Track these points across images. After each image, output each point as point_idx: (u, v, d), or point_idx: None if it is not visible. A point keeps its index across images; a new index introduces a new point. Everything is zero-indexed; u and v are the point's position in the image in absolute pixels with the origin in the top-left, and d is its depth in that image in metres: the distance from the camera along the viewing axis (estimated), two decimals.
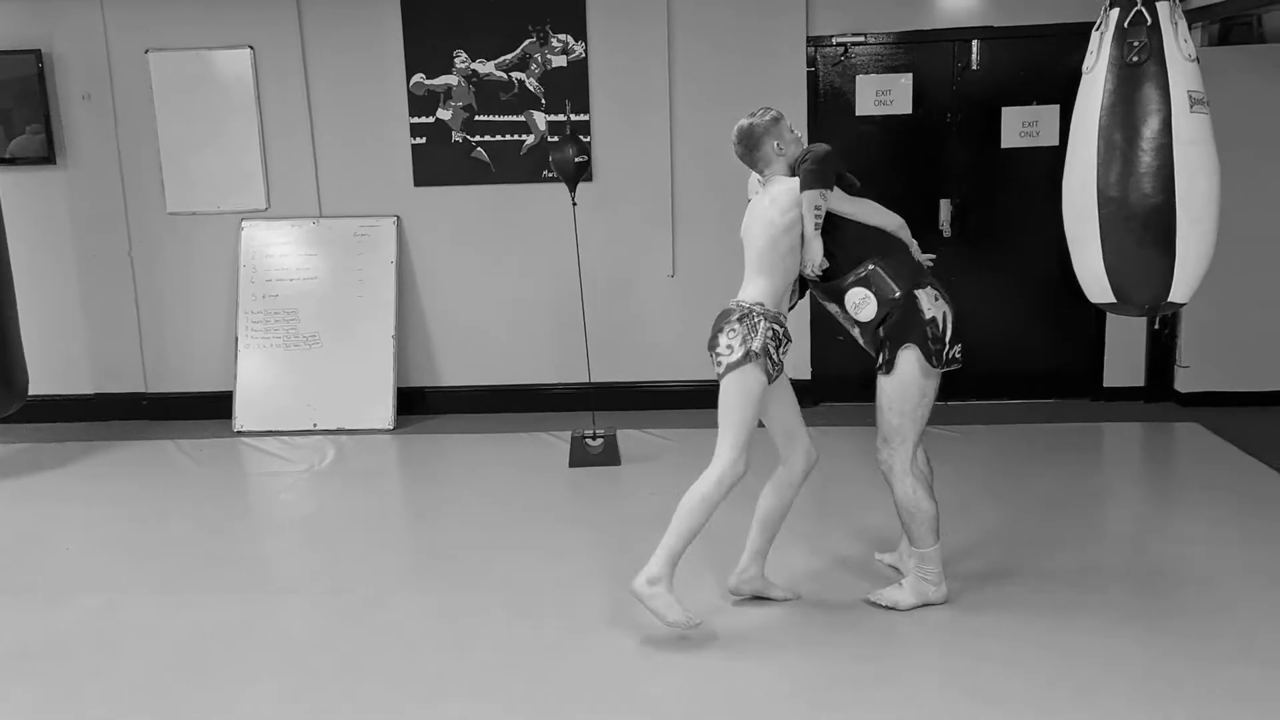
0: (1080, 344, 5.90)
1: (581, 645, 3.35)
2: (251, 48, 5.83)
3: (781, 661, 3.22)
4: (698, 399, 5.98)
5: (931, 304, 3.31)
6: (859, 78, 5.70)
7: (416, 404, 6.08)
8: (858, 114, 5.70)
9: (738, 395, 3.29)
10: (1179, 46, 2.85)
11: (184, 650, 3.40)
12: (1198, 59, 2.89)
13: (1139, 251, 2.87)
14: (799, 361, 5.73)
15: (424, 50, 5.79)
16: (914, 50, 5.68)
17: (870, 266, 3.32)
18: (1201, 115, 2.87)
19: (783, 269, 3.33)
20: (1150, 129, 2.83)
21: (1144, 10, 2.84)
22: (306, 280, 5.96)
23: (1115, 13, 2.90)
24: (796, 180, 3.31)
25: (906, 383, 3.31)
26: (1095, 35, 2.96)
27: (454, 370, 6.12)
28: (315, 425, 5.81)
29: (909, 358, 3.30)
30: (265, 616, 3.64)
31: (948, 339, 3.33)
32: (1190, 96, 2.85)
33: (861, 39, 5.67)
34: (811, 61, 5.70)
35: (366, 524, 4.49)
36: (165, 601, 3.76)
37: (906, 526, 3.44)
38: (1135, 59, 2.84)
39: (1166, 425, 5.45)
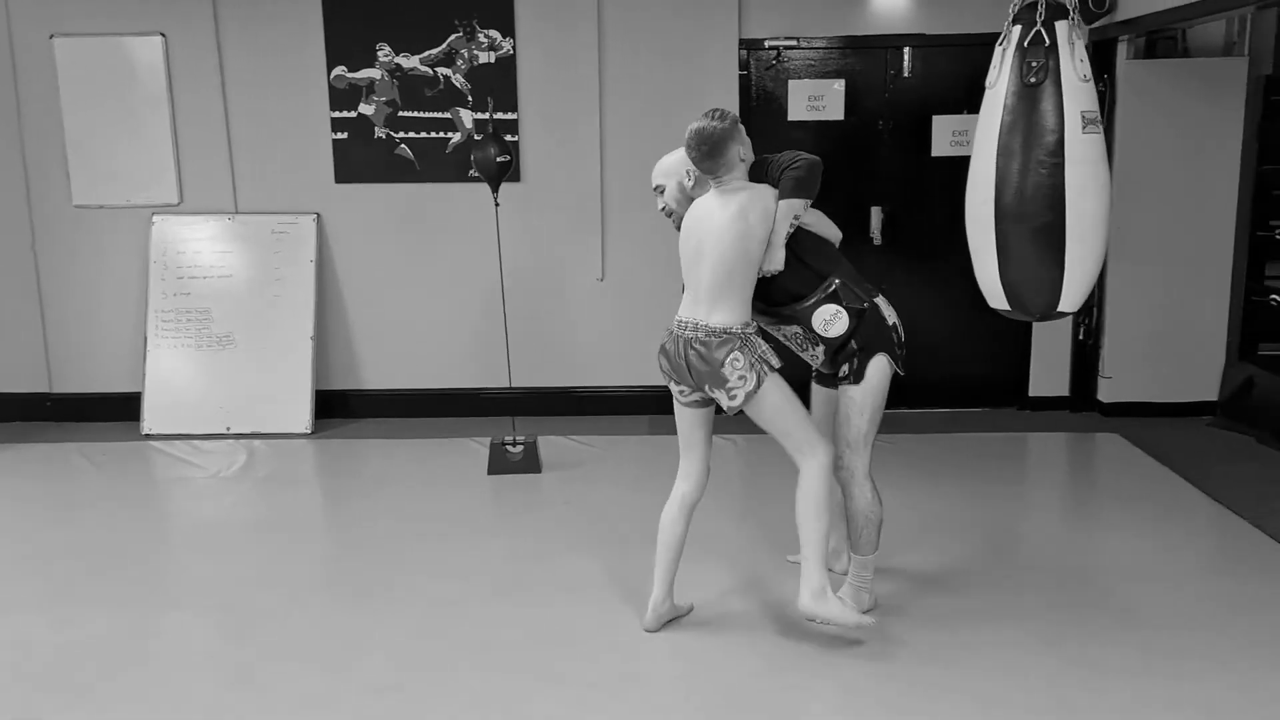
0: (1007, 354, 5.91)
1: (485, 664, 3.23)
2: (163, 35, 5.60)
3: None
4: (623, 404, 5.90)
5: (889, 310, 3.35)
6: (791, 82, 5.64)
7: (336, 407, 5.90)
8: (790, 119, 5.64)
9: (778, 407, 3.19)
10: (1074, 67, 2.89)
11: (55, 669, 3.22)
12: (1091, 79, 2.92)
13: (1031, 265, 2.96)
14: None
15: (346, 42, 5.61)
16: (847, 56, 5.64)
17: (837, 281, 3.29)
18: (1093, 135, 2.95)
19: (752, 282, 3.20)
20: (1045, 149, 2.87)
21: (1043, 31, 2.86)
22: (221, 278, 5.75)
23: (1017, 30, 2.93)
24: (767, 187, 3.19)
25: (875, 389, 3.32)
26: (998, 51, 3.01)
27: (375, 373, 5.95)
28: (228, 429, 5.61)
29: (879, 364, 3.31)
30: (147, 632, 3.48)
31: (903, 342, 3.39)
32: (1083, 117, 2.90)
33: (794, 43, 5.62)
34: (744, 65, 5.63)
35: (271, 534, 4.32)
36: (41, 616, 3.57)
37: (858, 532, 3.40)
38: (1033, 80, 2.87)
39: (1088, 436, 5.48)
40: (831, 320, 3.27)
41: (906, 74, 5.63)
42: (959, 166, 5.64)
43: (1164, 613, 3.48)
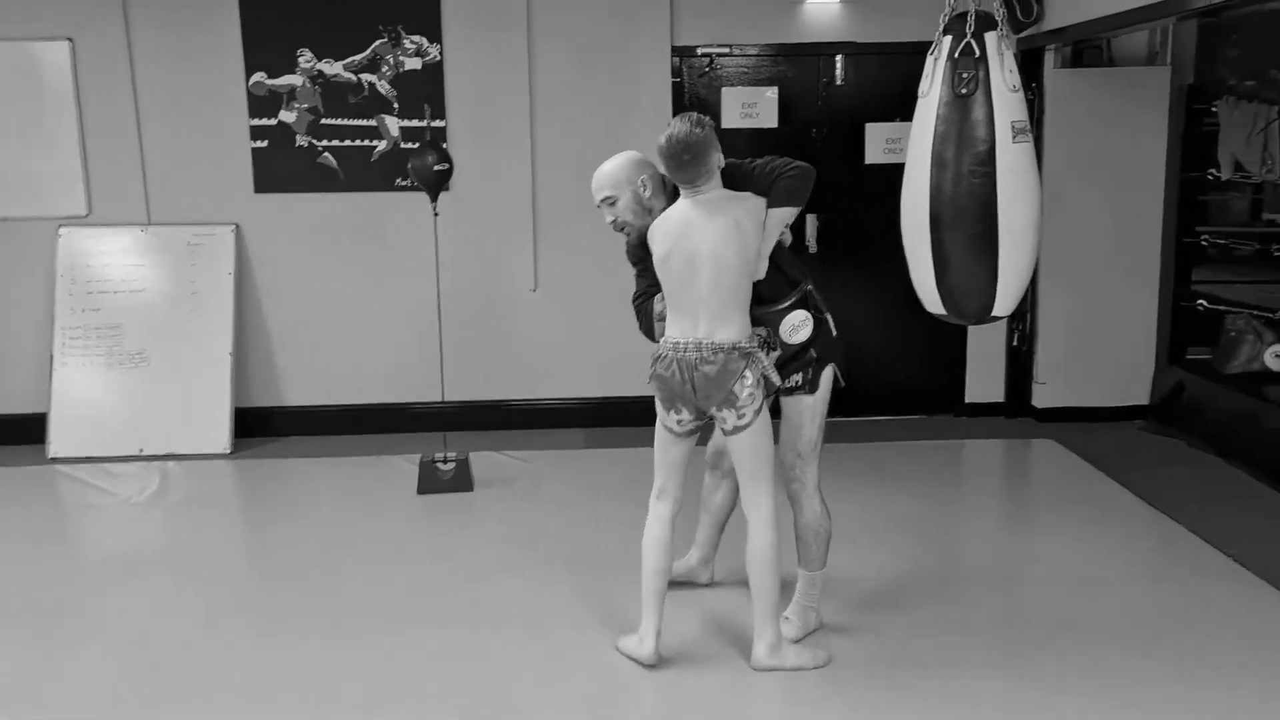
0: (943, 361, 5.91)
1: (416, 697, 3.07)
2: (70, 39, 5.34)
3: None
4: (558, 418, 5.77)
5: (834, 324, 3.35)
6: (725, 90, 5.58)
7: (258, 426, 5.66)
8: (724, 127, 5.55)
9: (764, 437, 3.11)
10: (1004, 78, 2.90)
11: None
12: (1020, 88, 2.95)
13: (965, 272, 2.99)
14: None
15: (265, 47, 5.41)
16: (780, 63, 5.60)
17: (808, 286, 3.27)
18: (1024, 144, 2.99)
19: (750, 296, 3.09)
20: (976, 158, 2.89)
21: (973, 42, 2.88)
22: (133, 293, 5.49)
23: (948, 41, 2.94)
24: (753, 195, 3.08)
25: (826, 398, 3.30)
26: (930, 61, 3.02)
27: (299, 389, 5.73)
28: (142, 450, 5.34)
29: (829, 374, 3.30)
30: (53, 671, 3.25)
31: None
32: (1013, 127, 2.92)
33: (727, 50, 5.56)
34: (677, 72, 5.56)
35: (188, 562, 4.10)
36: None
37: (806, 547, 3.33)
38: (964, 91, 2.89)
39: (1024, 442, 5.48)
40: (799, 326, 3.22)
41: (839, 82, 5.61)
42: (892, 174, 5.63)
43: (1109, 623, 3.44)
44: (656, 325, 3.27)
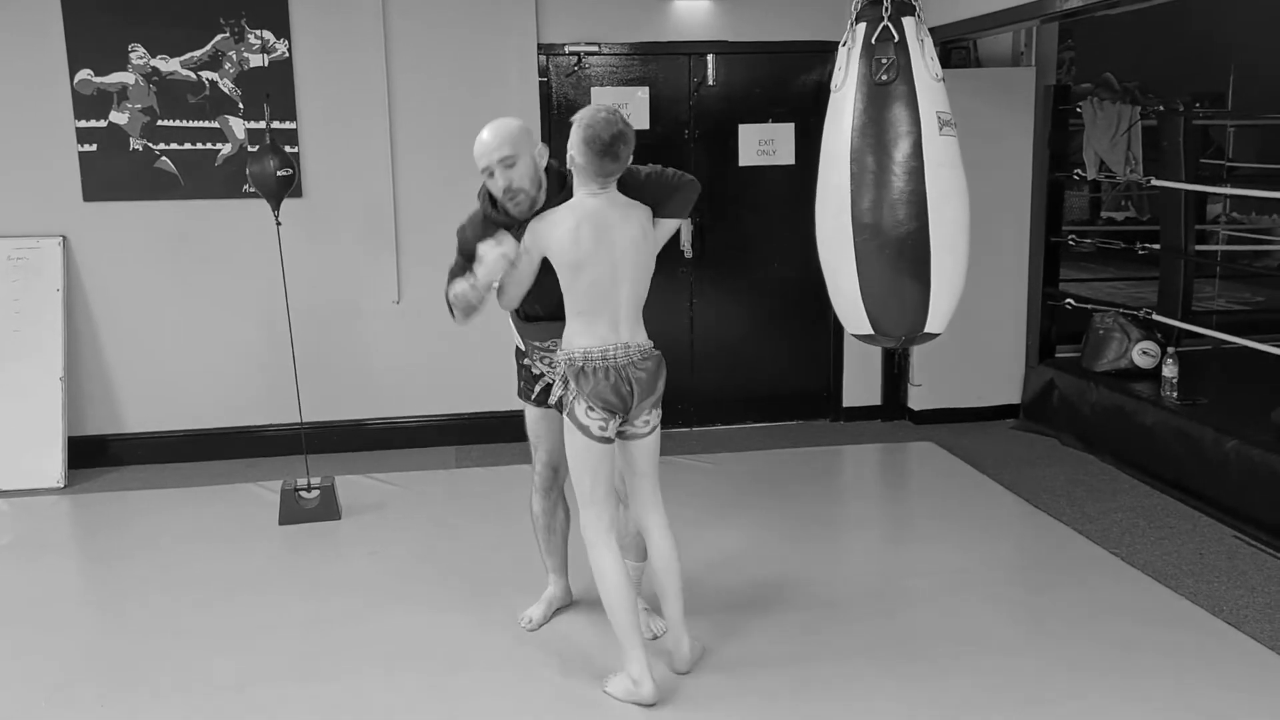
0: (819, 365, 5.86)
1: None
2: None
3: None
4: (427, 436, 5.47)
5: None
6: (594, 90, 5.38)
7: (95, 456, 5.18)
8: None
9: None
10: (926, 65, 2.71)
11: None
12: (943, 78, 2.75)
13: (895, 281, 2.73)
14: None
15: (91, 42, 4.94)
16: (650, 63, 5.44)
17: None
18: (950, 137, 2.75)
19: None
20: (901, 152, 2.67)
21: (890, 26, 2.66)
22: None
23: (862, 28, 2.73)
24: (641, 204, 2.97)
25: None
26: (842, 52, 2.77)
27: (141, 414, 5.27)
28: None
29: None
30: None
31: None
32: (939, 117, 2.73)
33: (595, 49, 5.36)
34: (544, 71, 5.33)
35: (18, 614, 3.65)
36: None
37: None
38: (884, 78, 2.67)
39: (902, 445, 5.47)
40: None
41: (711, 82, 5.48)
42: (767, 176, 5.61)
43: (1003, 632, 3.40)
44: (460, 308, 3.07)
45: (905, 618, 3.50)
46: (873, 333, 2.82)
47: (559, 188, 3.03)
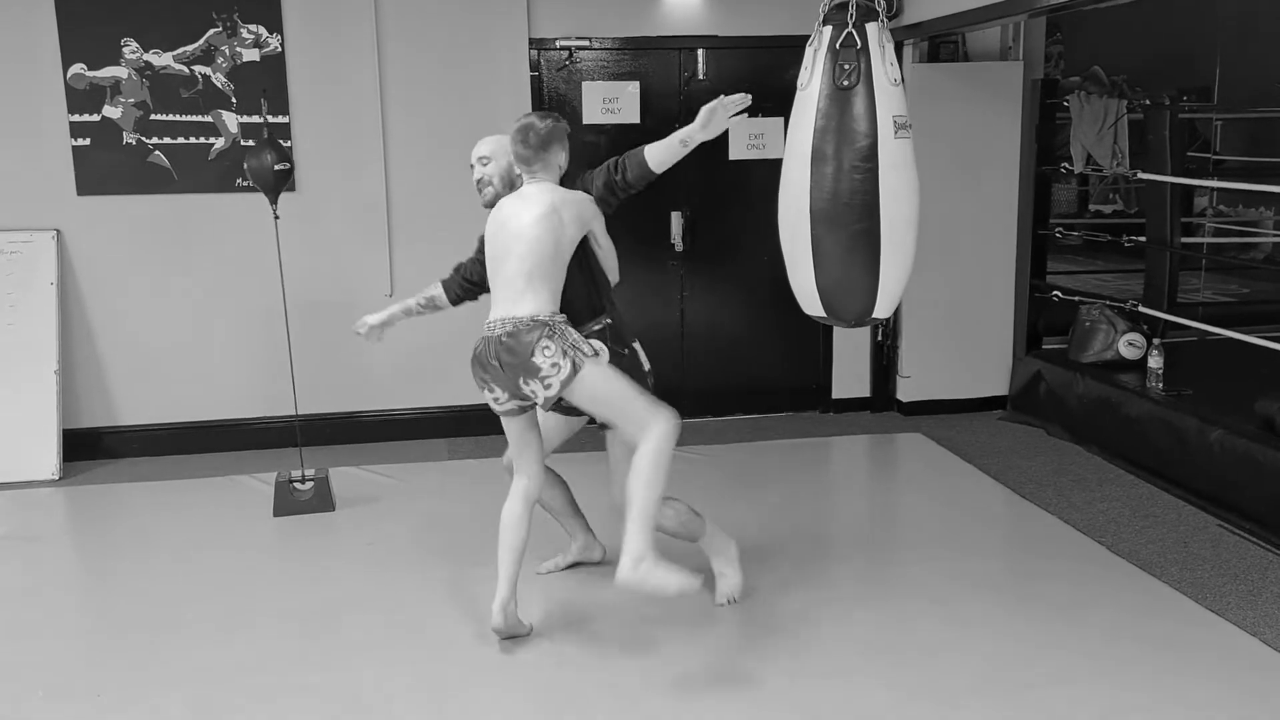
0: (809, 358, 5.91)
1: None
2: None
3: None
4: (420, 428, 5.51)
5: (644, 358, 3.40)
6: (585, 84, 5.41)
7: (90, 449, 5.21)
8: (585, 122, 5.41)
9: (602, 389, 3.10)
10: (885, 71, 2.88)
11: None
12: (902, 83, 2.91)
13: (846, 273, 2.96)
14: None
15: (84, 36, 4.95)
16: (640, 57, 5.46)
17: (608, 320, 3.31)
18: (904, 140, 2.98)
19: (562, 278, 3.18)
20: (859, 154, 2.86)
21: (854, 33, 2.84)
22: None
23: (828, 31, 2.89)
24: (584, 194, 3.24)
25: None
26: (809, 52, 2.96)
27: (136, 407, 5.29)
28: None
29: None
30: None
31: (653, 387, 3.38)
32: (895, 121, 2.89)
33: (586, 43, 5.39)
34: (535, 65, 5.36)
35: (14, 605, 3.69)
36: None
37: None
38: (845, 83, 2.84)
39: (892, 436, 5.53)
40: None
41: (701, 76, 5.52)
42: (757, 170, 5.64)
43: (990, 620, 3.45)
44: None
45: (894, 606, 3.55)
46: (825, 315, 3.05)
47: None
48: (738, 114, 3.20)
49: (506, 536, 3.24)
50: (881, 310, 3.03)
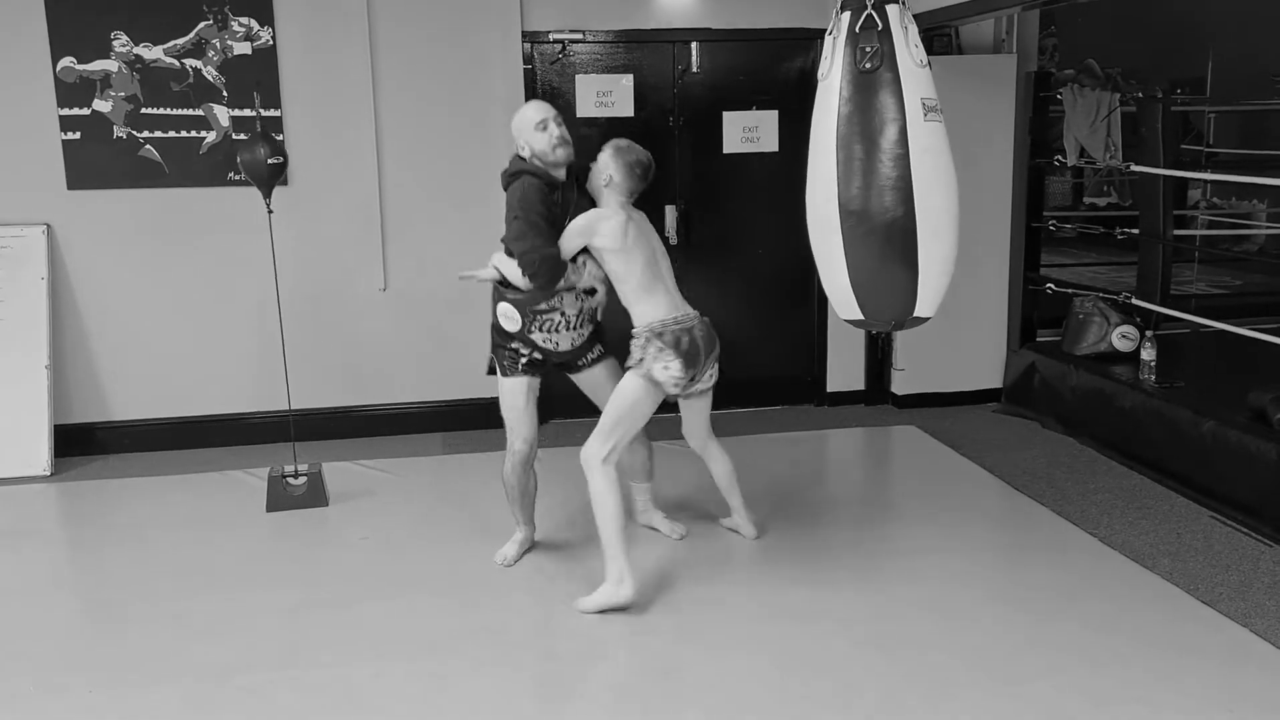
0: (804, 350, 5.91)
1: None
2: None
3: None
4: (413, 422, 5.50)
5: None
6: (579, 77, 5.40)
7: (82, 444, 5.19)
8: (579, 115, 5.39)
9: None
10: (910, 52, 2.76)
11: None
12: (929, 64, 2.79)
13: (883, 267, 2.77)
14: None
15: (74, 30, 4.92)
16: (634, 50, 5.45)
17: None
18: (935, 123, 2.80)
19: None
20: (887, 139, 2.71)
21: (874, 14, 2.71)
22: None
23: (846, 17, 2.77)
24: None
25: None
26: (829, 40, 2.82)
27: (128, 402, 5.28)
28: None
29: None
30: None
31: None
32: (924, 104, 2.78)
33: (580, 36, 5.37)
34: (528, 58, 5.34)
35: (10, 604, 3.66)
36: None
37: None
38: (868, 65, 2.72)
39: (886, 429, 5.53)
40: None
41: (695, 69, 5.50)
42: (751, 163, 5.64)
43: (983, 611, 3.46)
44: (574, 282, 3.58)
45: (887, 598, 3.56)
46: (863, 318, 2.86)
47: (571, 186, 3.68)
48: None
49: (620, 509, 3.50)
50: (924, 308, 2.83)
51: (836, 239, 2.76)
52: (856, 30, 2.71)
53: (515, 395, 3.67)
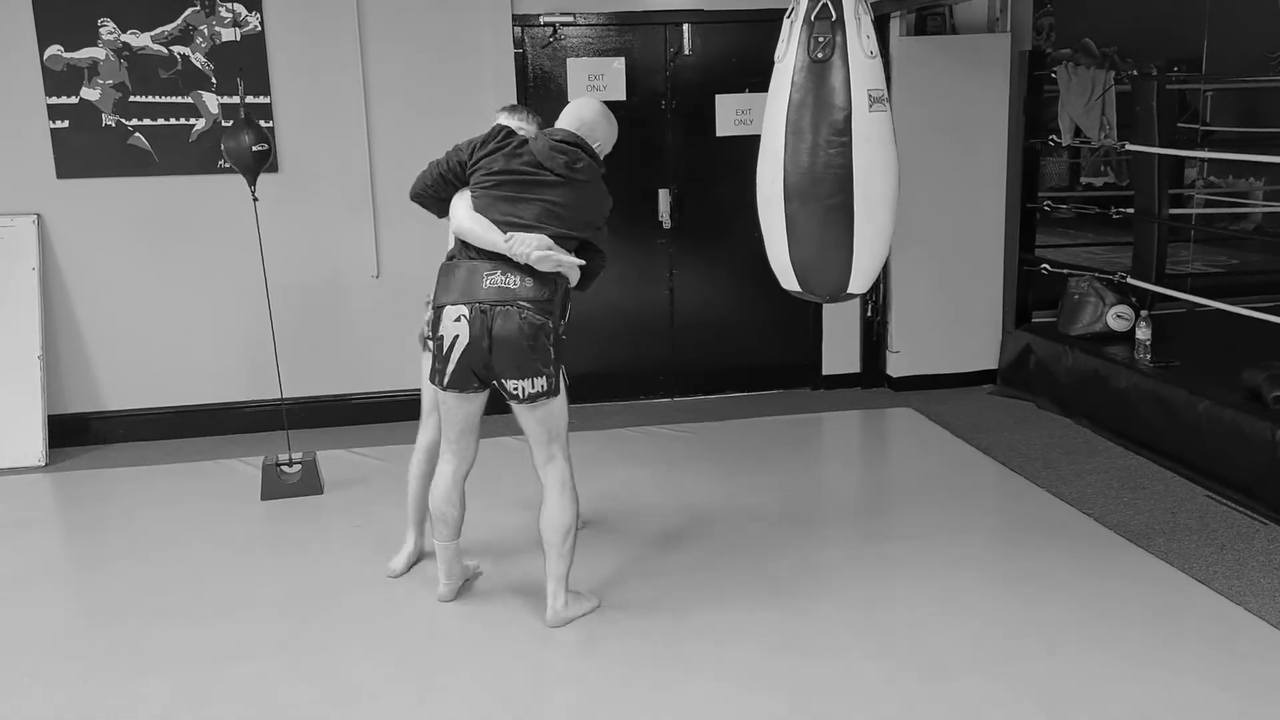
0: (799, 334, 5.89)
1: None
2: None
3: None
4: (407, 410, 5.45)
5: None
6: (570, 61, 5.36)
7: (75, 434, 5.18)
8: (570, 100, 5.34)
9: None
10: (861, 44, 2.86)
11: None
12: (878, 55, 2.91)
13: (820, 245, 2.96)
14: None
15: (60, 17, 4.89)
16: (626, 33, 5.41)
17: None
18: (880, 113, 2.97)
19: None
20: (832, 126, 2.85)
21: (829, 4, 2.82)
22: None
23: (804, 3, 2.87)
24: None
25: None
26: (786, 24, 2.93)
27: (121, 392, 5.26)
28: None
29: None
30: None
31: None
32: (870, 95, 2.88)
33: (571, 19, 5.34)
34: (519, 42, 5.31)
35: (4, 594, 3.66)
36: None
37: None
38: (820, 55, 2.83)
39: (882, 412, 5.52)
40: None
41: (687, 51, 5.47)
42: (744, 146, 5.59)
43: (979, 592, 3.46)
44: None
45: (883, 580, 3.56)
46: (801, 290, 3.07)
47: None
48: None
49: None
50: (856, 286, 3.02)
51: (780, 217, 2.94)
52: (812, 19, 2.82)
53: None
